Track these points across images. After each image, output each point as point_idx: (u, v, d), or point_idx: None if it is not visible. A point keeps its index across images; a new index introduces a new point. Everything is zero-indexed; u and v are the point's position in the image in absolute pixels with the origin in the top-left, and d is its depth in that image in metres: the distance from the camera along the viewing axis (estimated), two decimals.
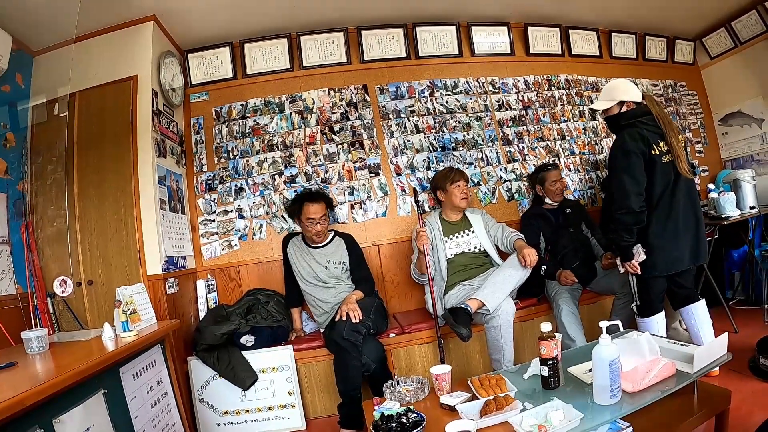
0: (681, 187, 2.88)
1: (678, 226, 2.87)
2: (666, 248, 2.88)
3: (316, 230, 3.47)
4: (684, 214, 2.88)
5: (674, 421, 2.10)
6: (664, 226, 2.88)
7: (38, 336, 2.26)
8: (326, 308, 3.49)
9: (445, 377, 2.40)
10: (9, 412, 1.44)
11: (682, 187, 2.88)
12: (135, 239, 3.26)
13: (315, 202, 3.48)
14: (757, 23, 4.76)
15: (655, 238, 2.88)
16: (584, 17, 4.80)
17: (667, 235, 2.87)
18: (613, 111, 3.04)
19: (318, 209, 3.46)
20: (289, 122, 4.20)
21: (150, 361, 2.60)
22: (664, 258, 2.89)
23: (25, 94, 3.31)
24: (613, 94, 3.05)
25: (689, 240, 2.89)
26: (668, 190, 2.87)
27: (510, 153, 4.48)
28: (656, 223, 2.88)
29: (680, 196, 2.87)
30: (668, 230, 2.87)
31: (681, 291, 3.07)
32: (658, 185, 2.86)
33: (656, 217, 2.88)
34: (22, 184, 3.18)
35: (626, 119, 2.96)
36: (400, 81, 4.40)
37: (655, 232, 2.88)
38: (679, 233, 2.87)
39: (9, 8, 3.00)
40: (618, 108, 3.02)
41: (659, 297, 3.02)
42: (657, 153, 2.85)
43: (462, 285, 3.46)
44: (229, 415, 3.35)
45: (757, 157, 5.07)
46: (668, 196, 2.87)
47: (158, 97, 3.57)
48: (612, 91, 3.06)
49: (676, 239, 2.87)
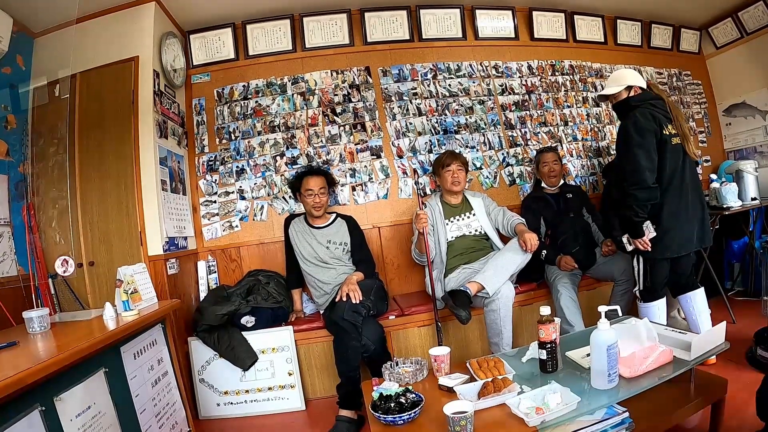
0: (688, 171, 2.92)
1: (688, 207, 2.91)
2: (680, 228, 2.91)
3: (315, 202, 3.51)
4: (692, 197, 2.92)
5: (670, 408, 2.11)
6: (677, 207, 2.90)
7: (39, 316, 2.27)
8: (326, 289, 3.50)
9: (444, 359, 2.41)
10: (10, 390, 1.44)
11: (689, 170, 2.93)
12: (136, 220, 3.26)
13: (314, 176, 3.56)
14: (764, 14, 4.71)
15: (670, 218, 2.90)
16: (590, 3, 4.76)
17: (681, 216, 2.90)
18: (622, 96, 3.08)
19: (317, 182, 3.53)
20: (291, 104, 4.19)
21: (151, 341, 2.61)
22: (679, 238, 2.91)
23: (26, 75, 3.30)
24: (620, 80, 3.09)
25: (697, 222, 2.93)
26: (678, 172, 2.90)
27: (512, 137, 4.47)
28: (670, 203, 2.90)
29: (688, 179, 2.92)
30: (681, 211, 2.90)
31: (681, 278, 3.09)
32: (669, 166, 2.89)
33: (670, 198, 2.90)
34: (23, 166, 3.18)
35: (636, 101, 2.99)
36: (403, 63, 4.37)
37: (669, 212, 2.90)
38: (689, 214, 2.91)
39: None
40: (626, 93, 3.06)
41: (663, 281, 3.04)
42: (667, 134, 2.88)
43: (462, 268, 3.47)
44: (229, 395, 3.38)
45: (761, 148, 5.05)
46: (678, 178, 2.90)
47: (159, 78, 3.56)
48: (619, 77, 3.12)
49: (688, 220, 2.91)
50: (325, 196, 3.57)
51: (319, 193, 3.51)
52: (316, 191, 3.50)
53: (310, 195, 3.51)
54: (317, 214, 3.57)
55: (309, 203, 3.54)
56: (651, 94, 3.01)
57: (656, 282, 3.03)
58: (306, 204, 3.58)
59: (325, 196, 3.56)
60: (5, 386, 1.43)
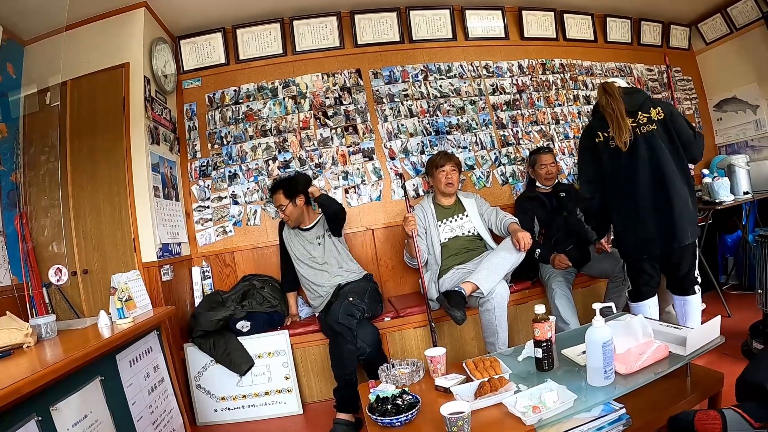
0: (643, 166, 2.80)
1: (638, 208, 2.83)
2: (629, 232, 2.91)
3: (282, 217, 3.56)
4: (648, 195, 2.81)
5: (667, 403, 2.12)
6: (619, 210, 2.93)
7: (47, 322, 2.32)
8: (321, 292, 3.50)
9: (440, 360, 2.41)
10: (6, 400, 1.44)
11: (645, 165, 2.80)
12: (129, 227, 3.25)
13: (273, 193, 3.58)
14: (753, 9, 4.75)
15: (617, 223, 2.99)
16: (579, 1, 4.78)
17: (626, 219, 2.91)
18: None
19: (277, 199, 3.52)
20: (283, 107, 4.19)
21: (146, 348, 2.61)
22: (631, 242, 2.93)
23: (17, 83, 3.27)
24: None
25: (657, 220, 2.81)
26: (623, 174, 2.86)
27: (504, 137, 4.48)
28: (612, 208, 2.96)
29: (642, 176, 2.81)
30: (626, 214, 2.90)
31: (673, 279, 3.04)
32: (608, 169, 2.91)
33: (612, 202, 2.96)
34: (15, 175, 3.15)
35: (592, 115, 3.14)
36: (393, 65, 4.38)
37: (615, 217, 2.98)
38: (641, 216, 2.83)
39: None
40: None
41: (644, 281, 3.01)
42: (602, 139, 2.89)
43: (456, 268, 3.48)
44: (226, 400, 3.37)
45: (752, 142, 5.09)
46: (624, 180, 2.86)
47: (150, 84, 3.55)
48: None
49: (638, 222, 2.84)
50: (289, 210, 3.49)
51: (279, 210, 3.53)
52: (280, 206, 3.51)
53: (281, 211, 3.53)
54: (290, 226, 3.60)
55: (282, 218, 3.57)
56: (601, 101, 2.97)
57: (635, 283, 3.05)
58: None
59: (288, 210, 3.49)
60: (2, 396, 1.42)
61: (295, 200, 3.48)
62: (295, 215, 3.52)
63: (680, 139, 2.83)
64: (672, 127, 2.83)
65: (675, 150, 2.82)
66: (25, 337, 2.10)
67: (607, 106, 2.85)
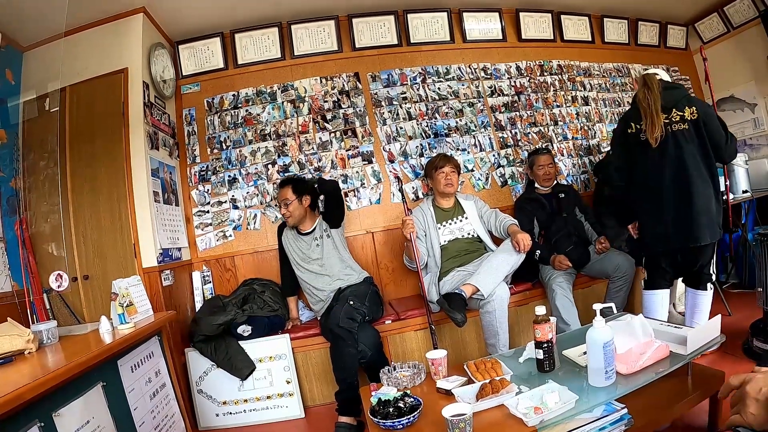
0: (669, 163, 2.86)
1: (661, 204, 2.90)
2: (648, 225, 3.00)
3: (283, 213, 3.53)
4: (671, 192, 2.87)
5: (668, 403, 2.12)
6: (643, 203, 3.01)
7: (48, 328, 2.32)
8: (322, 296, 3.50)
9: (441, 362, 2.41)
10: (8, 407, 1.44)
11: (672, 162, 2.86)
12: (129, 232, 3.26)
13: (281, 187, 3.57)
14: (750, 8, 4.78)
15: (640, 215, 3.08)
16: (576, 2, 4.80)
17: (648, 212, 2.98)
18: None
19: (282, 193, 3.52)
20: (282, 111, 4.19)
21: (148, 353, 2.61)
22: (649, 235, 3.01)
23: (16, 90, 3.28)
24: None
25: (675, 219, 2.86)
26: (650, 167, 2.93)
27: (503, 139, 4.49)
28: (636, 199, 3.05)
29: (667, 172, 2.87)
30: (649, 207, 2.97)
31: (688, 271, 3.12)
32: (637, 162, 2.99)
33: (636, 194, 3.04)
34: (14, 181, 3.16)
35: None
36: (391, 68, 4.39)
37: (641, 209, 3.05)
38: (663, 211, 2.89)
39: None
40: None
41: (659, 274, 3.10)
42: (634, 130, 2.97)
43: (456, 271, 3.48)
44: (228, 405, 3.37)
45: (750, 141, 5.10)
46: (651, 173, 2.93)
47: (149, 90, 3.56)
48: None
49: (659, 216, 2.91)
50: (294, 206, 3.48)
51: (282, 204, 3.51)
52: (281, 202, 3.52)
53: (282, 206, 3.52)
54: (291, 223, 3.57)
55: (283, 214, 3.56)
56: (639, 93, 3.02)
57: (650, 274, 3.15)
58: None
59: (292, 207, 3.48)
60: (4, 403, 1.42)
61: (302, 199, 3.49)
62: (297, 214, 3.51)
63: (711, 140, 2.86)
64: (704, 128, 2.86)
65: (704, 151, 2.86)
66: (26, 344, 2.10)
67: (643, 99, 2.92)
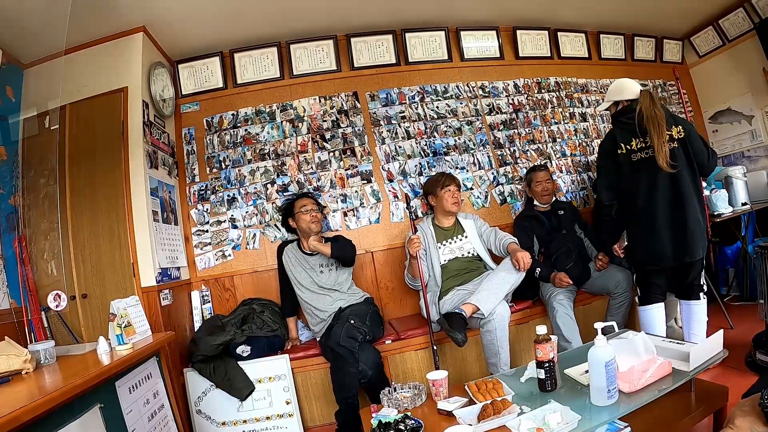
0: (663, 183, 2.90)
1: (656, 225, 2.93)
2: (644, 242, 3.01)
3: (312, 217, 3.52)
4: (666, 213, 2.91)
5: (672, 420, 2.11)
6: (636, 224, 3.03)
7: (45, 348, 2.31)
8: (322, 316, 3.48)
9: (442, 383, 2.39)
10: (5, 429, 1.42)
11: (665, 182, 2.90)
12: (128, 251, 3.25)
13: (304, 197, 3.63)
14: (744, 21, 4.82)
15: (632, 232, 3.08)
16: (572, 19, 4.83)
17: (643, 230, 2.99)
18: (612, 111, 3.21)
19: (304, 200, 3.57)
20: (281, 131, 4.20)
21: (146, 374, 2.59)
22: (644, 252, 3.03)
23: (16, 107, 3.29)
24: (609, 95, 3.20)
25: (672, 236, 2.91)
26: (644, 186, 2.95)
27: (501, 156, 4.49)
28: (631, 217, 3.05)
29: (661, 192, 2.91)
30: (644, 225, 2.98)
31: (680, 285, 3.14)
32: (628, 181, 3.00)
33: (629, 215, 3.06)
34: (14, 198, 3.16)
35: (613, 119, 3.17)
36: (390, 87, 4.41)
37: (631, 226, 3.08)
38: (658, 228, 2.92)
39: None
40: (615, 108, 3.18)
41: (652, 288, 3.11)
42: (624, 151, 2.98)
43: (456, 290, 3.47)
44: (227, 426, 3.34)
45: (748, 153, 5.11)
46: (644, 192, 2.95)
47: (149, 109, 3.57)
48: (609, 92, 3.22)
49: (654, 234, 2.93)
50: (319, 216, 3.59)
51: (310, 210, 3.53)
52: (310, 207, 3.53)
53: (306, 212, 3.51)
54: (316, 229, 3.55)
55: (307, 220, 3.51)
56: (630, 107, 3.04)
57: (644, 289, 3.16)
58: (303, 223, 3.53)
59: (319, 214, 3.59)
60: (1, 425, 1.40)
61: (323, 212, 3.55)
62: (321, 221, 3.61)
63: (696, 158, 2.95)
64: (690, 147, 2.94)
65: (691, 169, 2.94)
66: (23, 363, 2.09)
67: (647, 110, 2.93)
